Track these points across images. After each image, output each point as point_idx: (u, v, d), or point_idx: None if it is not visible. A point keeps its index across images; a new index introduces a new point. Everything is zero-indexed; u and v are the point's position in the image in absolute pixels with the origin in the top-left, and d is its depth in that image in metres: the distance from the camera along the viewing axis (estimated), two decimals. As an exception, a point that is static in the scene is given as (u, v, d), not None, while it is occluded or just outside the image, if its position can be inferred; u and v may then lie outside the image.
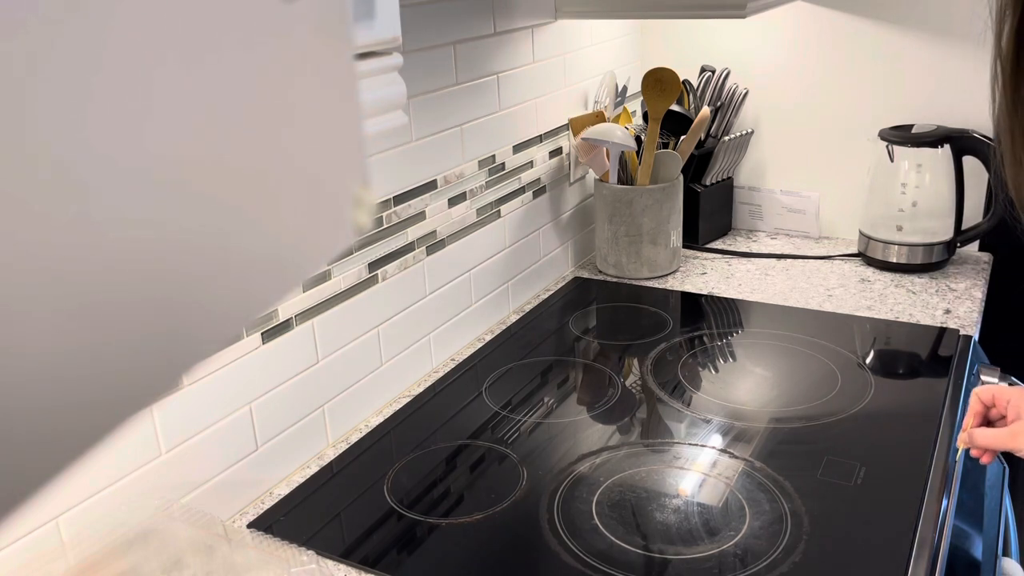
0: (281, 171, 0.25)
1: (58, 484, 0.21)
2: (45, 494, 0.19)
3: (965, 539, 0.91)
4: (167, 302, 0.21)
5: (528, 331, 1.28)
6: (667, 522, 0.84)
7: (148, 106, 0.20)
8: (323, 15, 0.26)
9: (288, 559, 0.72)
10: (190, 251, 0.22)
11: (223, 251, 0.23)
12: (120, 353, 0.20)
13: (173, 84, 0.20)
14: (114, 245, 0.19)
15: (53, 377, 0.18)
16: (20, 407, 0.17)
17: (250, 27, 0.23)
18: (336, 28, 0.26)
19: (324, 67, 0.26)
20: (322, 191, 0.27)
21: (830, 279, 1.41)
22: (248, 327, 0.89)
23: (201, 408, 0.85)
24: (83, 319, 0.19)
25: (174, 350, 0.22)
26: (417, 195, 1.09)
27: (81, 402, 0.19)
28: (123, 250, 0.20)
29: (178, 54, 0.20)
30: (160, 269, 0.21)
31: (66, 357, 0.18)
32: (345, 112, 0.27)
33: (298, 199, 0.26)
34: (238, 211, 0.23)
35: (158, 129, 0.20)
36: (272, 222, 0.25)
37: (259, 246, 0.24)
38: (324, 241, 0.27)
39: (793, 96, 1.55)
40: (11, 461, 0.17)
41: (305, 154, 0.26)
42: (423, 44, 1.06)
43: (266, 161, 0.24)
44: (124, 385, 0.20)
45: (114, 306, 0.19)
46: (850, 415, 1.02)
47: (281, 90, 0.24)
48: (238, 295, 0.24)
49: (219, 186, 0.22)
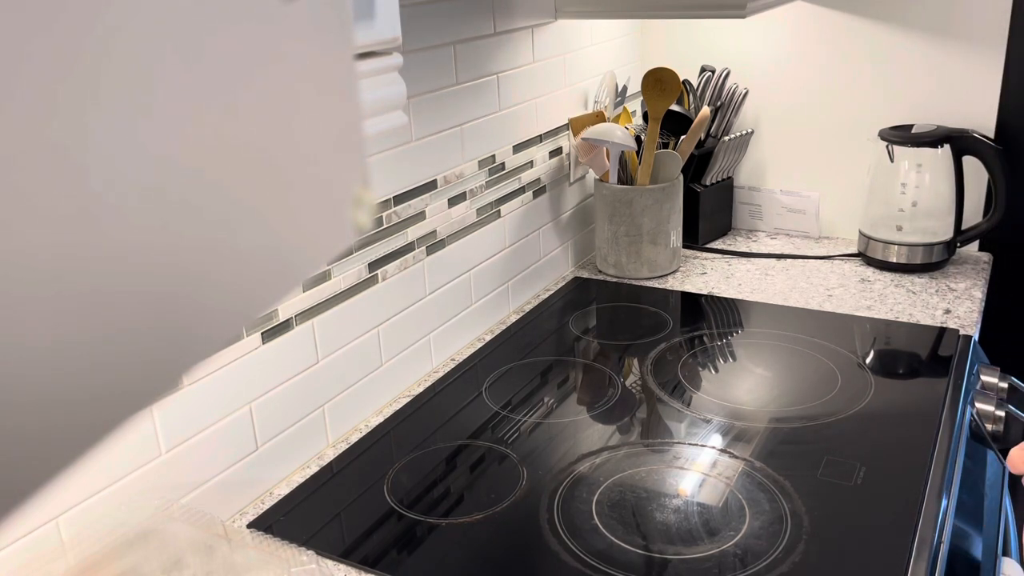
0: (281, 171, 0.25)
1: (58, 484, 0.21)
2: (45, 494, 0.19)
3: (965, 539, 0.91)
4: (167, 302, 0.21)
5: (528, 331, 1.28)
6: (667, 522, 0.84)
7: (148, 106, 0.20)
8: (323, 15, 0.26)
9: (288, 559, 0.72)
10: (190, 251, 0.22)
11: (223, 251, 0.23)
12: (120, 353, 0.20)
13: (172, 84, 0.20)
14: (114, 245, 0.19)
15: (53, 377, 0.18)
16: (20, 406, 0.17)
17: (250, 27, 0.23)
18: (336, 28, 0.26)
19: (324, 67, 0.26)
20: (322, 191, 0.27)
21: (830, 279, 1.41)
22: (248, 327, 0.89)
23: (201, 408, 0.85)
24: (83, 319, 0.19)
25: (174, 350, 0.22)
26: (417, 195, 1.09)
27: (81, 402, 0.19)
28: (123, 250, 0.20)
29: (178, 54, 0.21)
30: (160, 269, 0.21)
31: (66, 357, 0.18)
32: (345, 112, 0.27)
33: (298, 199, 0.26)
34: (238, 211, 0.23)
35: (158, 129, 0.20)
36: (272, 222, 0.25)
37: (259, 246, 0.24)
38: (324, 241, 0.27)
39: (793, 96, 1.55)
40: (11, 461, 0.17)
41: (305, 154, 0.26)
42: (423, 44, 1.06)
43: (266, 161, 0.24)
44: (124, 384, 0.20)
45: (114, 306, 0.19)
46: (850, 415, 1.02)
47: (281, 90, 0.24)
48: (238, 295, 0.24)
49: (219, 186, 0.22)
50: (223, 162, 0.22)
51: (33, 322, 0.17)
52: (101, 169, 0.19)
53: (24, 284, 0.17)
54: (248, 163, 0.23)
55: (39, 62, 0.17)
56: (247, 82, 0.23)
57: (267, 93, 0.24)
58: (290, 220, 0.25)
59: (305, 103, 0.25)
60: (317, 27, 0.25)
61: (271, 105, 0.24)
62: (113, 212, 0.19)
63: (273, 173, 0.24)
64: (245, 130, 0.23)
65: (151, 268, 0.20)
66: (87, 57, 0.18)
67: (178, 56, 0.20)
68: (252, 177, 0.24)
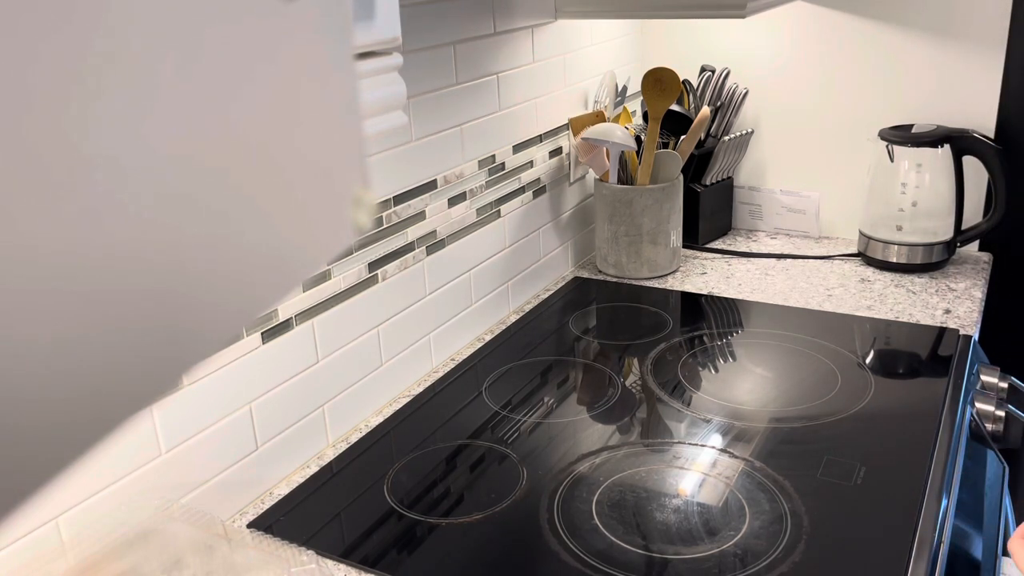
0: (281, 171, 0.25)
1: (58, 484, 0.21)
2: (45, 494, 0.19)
3: (965, 539, 0.91)
4: (167, 301, 0.21)
5: (528, 331, 1.28)
6: (667, 522, 0.84)
7: (148, 105, 0.20)
8: (323, 15, 0.26)
9: (288, 559, 0.72)
10: (189, 250, 0.22)
11: (223, 251, 0.23)
12: (120, 352, 0.20)
13: (173, 83, 0.20)
14: (113, 245, 0.19)
15: (53, 377, 0.18)
16: (20, 406, 0.17)
17: (250, 27, 0.23)
18: (336, 28, 0.26)
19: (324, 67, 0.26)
20: (322, 191, 0.27)
21: (830, 279, 1.41)
22: (248, 327, 0.89)
23: (201, 408, 0.85)
24: (82, 318, 0.19)
25: (174, 349, 0.22)
26: (417, 195, 1.09)
27: (81, 401, 0.19)
28: (122, 250, 0.20)
29: (178, 53, 0.21)
30: (160, 268, 0.21)
31: (66, 356, 0.18)
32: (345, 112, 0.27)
33: (298, 199, 0.26)
34: (238, 210, 0.23)
35: (158, 128, 0.20)
36: (272, 221, 0.25)
37: (259, 246, 0.24)
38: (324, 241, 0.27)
39: (793, 96, 1.55)
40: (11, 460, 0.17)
41: (305, 154, 0.26)
42: (423, 44, 1.06)
43: (266, 160, 0.24)
44: (124, 384, 0.20)
45: (114, 306, 0.19)
46: (850, 415, 1.02)
47: (281, 90, 0.24)
48: (238, 295, 0.24)
49: (219, 186, 0.22)
50: (223, 162, 0.22)
51: (33, 321, 0.17)
52: (101, 168, 0.19)
53: (24, 282, 0.17)
54: (248, 163, 0.23)
55: (41, 60, 0.17)
56: (247, 82, 0.23)
57: (267, 93, 0.24)
58: (290, 220, 0.25)
59: (305, 103, 0.25)
60: (317, 27, 0.25)
61: (271, 105, 0.24)
62: (112, 212, 0.19)
63: (273, 173, 0.24)
64: (245, 130, 0.23)
65: (151, 268, 0.20)
66: (88, 57, 0.18)
67: (179, 55, 0.20)
68: (252, 177, 0.24)
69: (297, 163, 0.25)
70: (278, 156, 0.24)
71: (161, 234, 0.21)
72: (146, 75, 0.20)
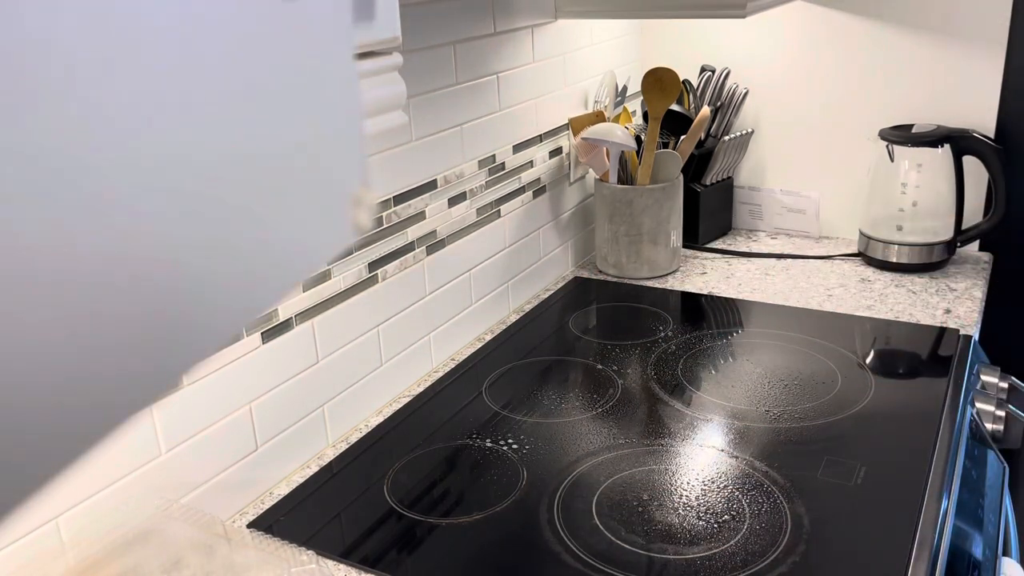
0: (281, 171, 0.25)
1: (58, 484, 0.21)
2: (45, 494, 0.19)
3: (965, 539, 0.91)
4: (167, 302, 0.21)
5: (528, 331, 1.28)
6: (667, 522, 0.84)
7: (148, 105, 0.20)
8: (323, 15, 0.26)
9: (288, 559, 0.72)
10: (189, 250, 0.22)
11: (223, 250, 0.23)
12: (120, 353, 0.20)
13: (173, 83, 0.20)
14: (113, 245, 0.19)
15: (53, 377, 0.18)
16: (20, 406, 0.17)
17: (250, 27, 0.23)
18: (336, 28, 0.26)
19: (324, 67, 0.26)
20: (322, 191, 0.27)
21: (830, 279, 1.41)
22: (248, 327, 0.89)
23: (201, 408, 0.85)
24: (83, 318, 0.19)
25: (174, 349, 0.22)
26: (417, 195, 1.09)
27: (81, 402, 0.19)
28: (123, 250, 0.20)
29: (178, 53, 0.20)
30: (160, 269, 0.21)
31: (66, 357, 0.18)
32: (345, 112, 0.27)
33: (298, 199, 0.26)
34: (238, 211, 0.23)
35: (157, 128, 0.20)
36: (272, 222, 0.25)
37: (259, 245, 0.24)
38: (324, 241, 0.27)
39: (793, 96, 1.55)
40: (11, 460, 0.17)
41: (305, 154, 0.26)
42: (423, 44, 1.06)
43: (266, 160, 0.24)
44: (124, 384, 0.20)
45: (115, 305, 0.19)
46: (850, 415, 1.02)
47: (281, 90, 0.24)
48: (238, 295, 0.24)
49: (219, 186, 0.22)
50: (222, 162, 0.22)
51: (33, 321, 0.17)
52: (101, 169, 0.19)
53: (24, 283, 0.17)
54: (248, 163, 0.23)
55: (41, 60, 0.17)
56: (247, 81, 0.23)
57: (267, 93, 0.24)
58: (290, 220, 0.25)
59: (305, 102, 0.25)
60: (317, 27, 0.25)
61: (271, 105, 0.24)
62: (112, 212, 0.19)
63: (273, 172, 0.24)
64: (245, 129, 0.23)
65: (151, 268, 0.20)
66: (88, 57, 0.18)
67: (179, 55, 0.20)
68: (252, 177, 0.24)
69: (297, 163, 0.25)
70: (278, 156, 0.24)
71: (160, 234, 0.21)
72: (146, 75, 0.20)
